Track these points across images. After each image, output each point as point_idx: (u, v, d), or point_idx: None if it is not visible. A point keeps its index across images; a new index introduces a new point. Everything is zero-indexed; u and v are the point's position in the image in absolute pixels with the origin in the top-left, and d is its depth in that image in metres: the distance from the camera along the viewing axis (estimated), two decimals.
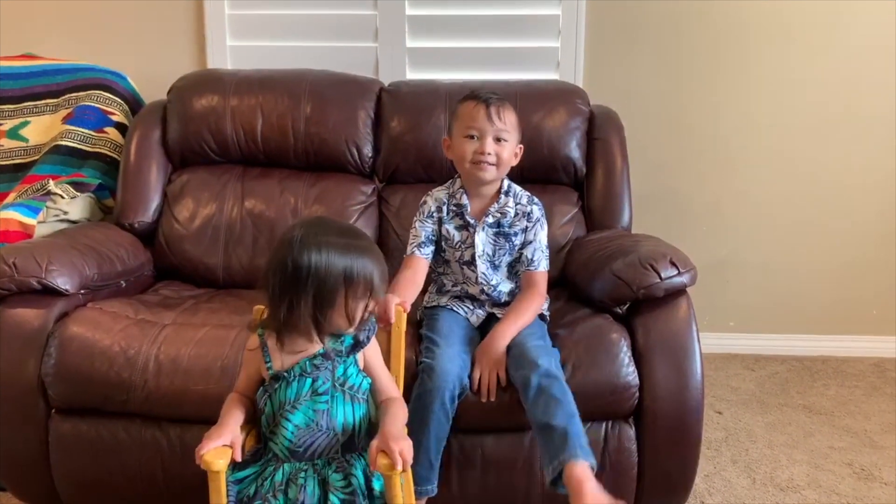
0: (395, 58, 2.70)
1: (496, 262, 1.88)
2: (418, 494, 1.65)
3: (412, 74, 2.70)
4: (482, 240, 1.87)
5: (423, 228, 1.88)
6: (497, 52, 2.68)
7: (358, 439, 1.46)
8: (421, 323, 1.88)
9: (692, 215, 2.85)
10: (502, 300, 1.89)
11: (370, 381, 1.48)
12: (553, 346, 1.75)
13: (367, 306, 1.41)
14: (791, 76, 2.74)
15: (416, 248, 1.87)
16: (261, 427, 1.46)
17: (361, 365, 1.48)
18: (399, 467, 1.33)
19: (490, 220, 1.87)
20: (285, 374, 1.43)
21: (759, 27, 2.71)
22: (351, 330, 1.43)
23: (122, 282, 2.10)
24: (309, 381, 1.43)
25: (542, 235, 1.88)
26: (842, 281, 2.87)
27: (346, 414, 1.44)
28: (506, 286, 1.90)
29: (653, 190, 2.70)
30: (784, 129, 2.78)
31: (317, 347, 1.44)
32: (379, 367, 1.51)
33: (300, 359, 1.43)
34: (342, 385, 1.45)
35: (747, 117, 2.78)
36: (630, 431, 1.77)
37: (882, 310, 2.88)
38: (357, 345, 1.47)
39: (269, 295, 1.39)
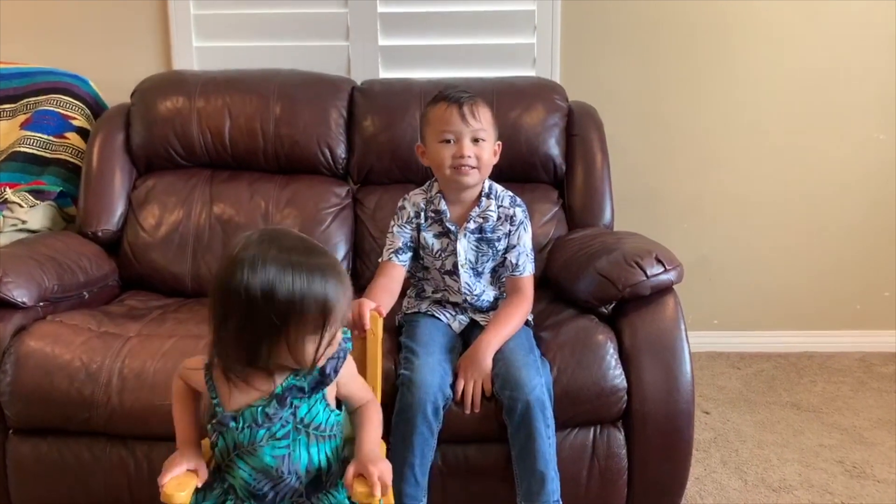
0: (368, 57, 2.62)
1: (479, 270, 1.80)
2: None
3: (385, 73, 2.62)
4: (464, 247, 1.78)
5: (401, 234, 1.79)
6: (472, 49, 2.62)
7: (326, 477, 1.30)
8: (400, 330, 1.80)
9: (672, 213, 2.80)
10: (486, 308, 1.82)
11: (340, 415, 1.31)
12: (542, 354, 1.69)
13: (321, 339, 1.17)
14: (770, 71, 2.70)
15: (392, 255, 1.78)
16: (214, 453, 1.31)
17: (333, 391, 1.31)
18: (378, 493, 1.21)
19: (472, 225, 1.78)
20: (233, 422, 1.22)
21: (738, 22, 2.67)
22: (299, 367, 1.21)
23: (84, 293, 2.00)
24: (262, 430, 1.24)
25: (526, 238, 1.80)
26: (826, 276, 2.84)
27: (311, 455, 1.27)
28: (490, 294, 1.82)
29: (632, 188, 2.65)
30: (765, 124, 2.75)
31: (271, 386, 1.23)
32: (353, 380, 1.37)
33: (254, 399, 1.22)
34: (306, 427, 1.27)
35: (727, 113, 2.74)
36: (619, 436, 1.71)
37: (866, 304, 2.85)
38: (322, 381, 1.25)
39: (210, 318, 1.18)
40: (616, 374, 1.67)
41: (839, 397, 2.50)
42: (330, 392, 1.31)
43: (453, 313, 1.82)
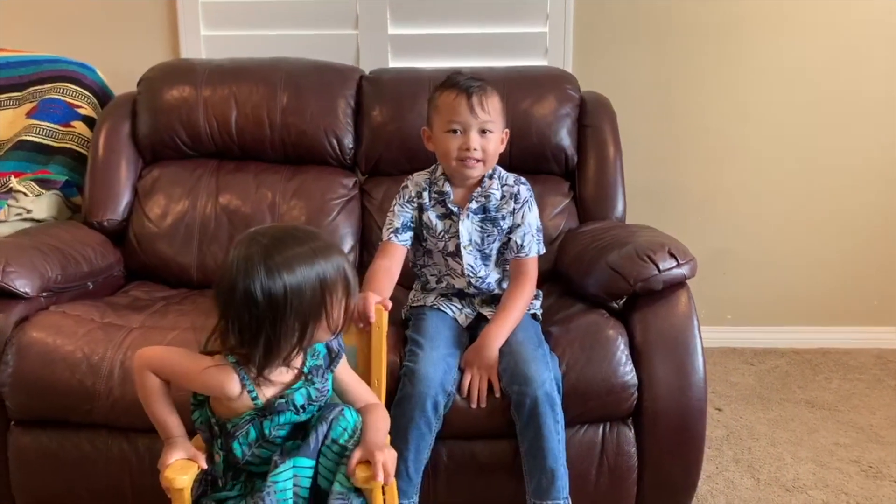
0: (377, 45, 2.58)
1: (486, 252, 1.76)
2: None
3: (395, 63, 2.59)
4: (467, 228, 1.75)
5: (402, 213, 1.75)
6: (483, 39, 2.58)
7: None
8: (406, 323, 1.77)
9: (686, 206, 2.76)
10: (492, 291, 1.78)
11: (356, 415, 1.33)
12: (551, 350, 1.65)
13: (346, 307, 1.27)
14: (786, 64, 2.65)
15: (393, 234, 1.74)
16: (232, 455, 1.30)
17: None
18: (380, 478, 1.22)
19: (474, 205, 1.74)
20: (289, 406, 1.27)
21: (754, 13, 2.61)
22: (332, 338, 1.30)
23: (89, 283, 1.98)
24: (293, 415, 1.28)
25: (531, 217, 1.75)
26: (841, 271, 2.79)
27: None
28: (494, 277, 1.78)
29: (644, 180, 2.61)
30: (780, 117, 2.69)
31: (292, 373, 1.29)
32: (348, 374, 1.39)
33: (279, 388, 1.28)
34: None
35: (742, 105, 2.69)
36: (629, 433, 1.67)
37: (883, 300, 2.80)
38: (335, 356, 1.35)
39: (239, 330, 1.21)
40: (627, 371, 1.63)
41: (855, 395, 2.45)
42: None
43: (459, 307, 1.78)
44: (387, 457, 1.25)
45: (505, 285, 1.78)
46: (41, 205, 2.20)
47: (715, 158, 2.73)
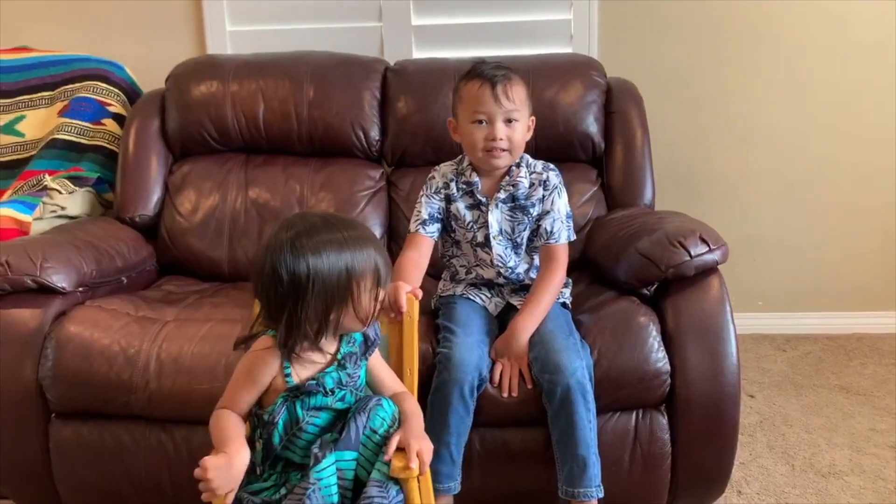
0: (401, 37, 2.59)
1: (517, 240, 1.76)
2: (443, 492, 1.56)
3: (419, 54, 2.59)
4: (496, 218, 1.75)
5: (430, 204, 1.76)
6: (507, 27, 2.56)
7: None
8: (436, 313, 1.77)
9: (714, 191, 2.72)
10: (522, 281, 1.78)
11: (393, 406, 1.34)
12: (582, 338, 1.65)
13: (376, 297, 1.29)
14: (816, 45, 2.60)
15: (420, 226, 1.74)
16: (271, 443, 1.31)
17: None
18: (414, 467, 1.24)
19: (502, 195, 1.74)
20: (320, 388, 1.29)
21: None
22: (363, 327, 1.31)
23: (122, 278, 2.01)
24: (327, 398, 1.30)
25: (560, 204, 1.75)
26: (873, 255, 2.74)
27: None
28: (523, 266, 1.78)
29: (672, 166, 2.58)
30: (809, 99, 2.65)
31: (327, 357, 1.31)
32: (380, 365, 1.41)
33: (314, 372, 1.30)
34: (357, 390, 1.34)
35: (771, 88, 2.65)
36: (662, 420, 1.66)
37: None
38: (371, 344, 1.36)
39: (267, 308, 1.27)
40: (659, 358, 1.62)
41: (891, 380, 2.42)
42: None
43: (489, 295, 1.79)
44: (422, 446, 1.26)
45: (534, 275, 1.77)
46: (75, 202, 2.24)
47: (744, 143, 2.70)
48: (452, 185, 1.76)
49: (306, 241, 1.23)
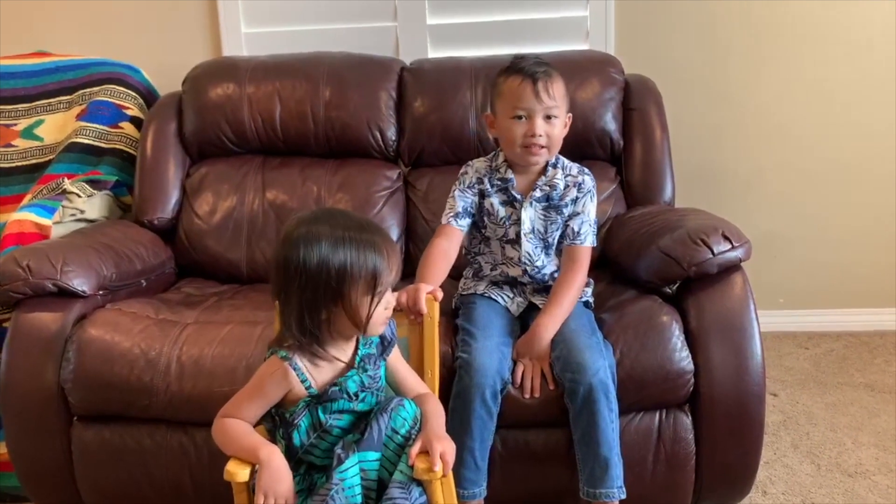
0: (416, 36, 2.58)
1: (549, 240, 1.75)
2: (468, 498, 1.54)
3: (434, 53, 2.57)
4: (530, 216, 1.73)
5: (463, 198, 1.74)
6: (522, 25, 2.55)
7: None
8: (457, 312, 1.76)
9: (734, 188, 2.70)
10: (546, 282, 1.77)
11: (415, 407, 1.34)
12: (604, 337, 1.63)
13: (371, 303, 1.26)
14: (836, 40, 2.57)
15: (452, 218, 1.73)
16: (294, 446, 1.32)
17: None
18: (437, 469, 1.23)
19: (538, 193, 1.73)
20: (343, 393, 1.29)
21: None
22: (359, 332, 1.29)
23: (142, 281, 2.02)
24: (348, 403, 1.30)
25: (590, 208, 1.74)
26: None
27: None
28: (550, 267, 1.77)
29: (691, 163, 2.56)
30: (829, 95, 2.62)
31: (344, 361, 1.31)
32: (401, 365, 1.41)
33: (332, 376, 1.30)
34: (378, 391, 1.34)
35: (790, 84, 2.62)
36: (686, 420, 1.65)
37: None
38: (388, 344, 1.36)
39: (277, 297, 1.30)
40: (682, 357, 1.61)
41: None
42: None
43: (511, 295, 1.77)
44: (445, 447, 1.25)
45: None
46: (93, 205, 2.24)
47: (764, 139, 2.67)
48: (486, 180, 1.75)
49: (304, 231, 1.24)
